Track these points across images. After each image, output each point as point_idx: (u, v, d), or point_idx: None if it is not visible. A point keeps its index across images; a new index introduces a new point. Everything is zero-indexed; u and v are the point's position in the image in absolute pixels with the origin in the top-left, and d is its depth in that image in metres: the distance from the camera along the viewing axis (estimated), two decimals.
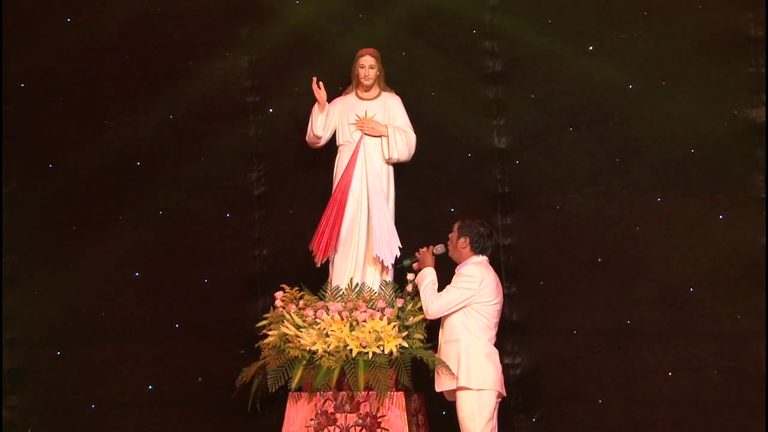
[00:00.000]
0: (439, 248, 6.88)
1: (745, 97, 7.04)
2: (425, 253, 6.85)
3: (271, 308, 7.05)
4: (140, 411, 7.72)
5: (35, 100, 7.96)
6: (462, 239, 6.74)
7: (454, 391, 6.56)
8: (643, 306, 7.17)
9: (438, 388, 6.64)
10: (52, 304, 7.79)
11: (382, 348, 6.63)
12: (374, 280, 7.02)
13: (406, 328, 6.73)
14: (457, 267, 6.75)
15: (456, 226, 6.80)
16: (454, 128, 7.59)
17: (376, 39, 7.52)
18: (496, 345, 6.65)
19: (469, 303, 6.57)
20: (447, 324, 6.64)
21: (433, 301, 6.62)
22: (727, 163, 7.05)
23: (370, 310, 6.74)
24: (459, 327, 6.57)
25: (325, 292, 6.98)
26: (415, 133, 7.22)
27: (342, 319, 6.73)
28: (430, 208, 7.54)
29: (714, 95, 7.11)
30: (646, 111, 7.27)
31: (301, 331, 6.77)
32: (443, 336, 6.68)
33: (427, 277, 6.74)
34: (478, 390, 6.48)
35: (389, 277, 7.05)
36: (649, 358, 7.14)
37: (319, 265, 7.09)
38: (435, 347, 6.73)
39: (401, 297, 6.86)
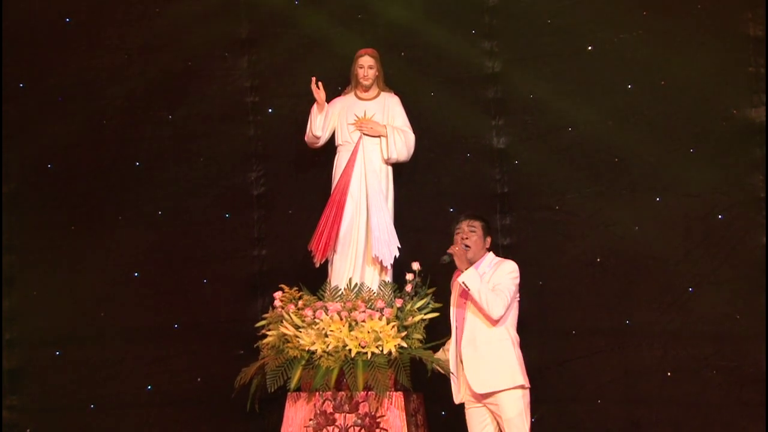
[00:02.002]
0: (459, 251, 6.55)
1: (745, 97, 7.03)
2: (460, 252, 6.45)
3: (270, 308, 7.04)
4: (139, 411, 7.74)
5: (35, 100, 7.97)
6: (488, 238, 6.59)
7: (490, 394, 6.28)
8: (642, 306, 7.16)
9: (483, 390, 6.29)
10: (51, 304, 7.81)
11: (381, 348, 6.62)
12: (373, 280, 7.01)
13: (405, 328, 6.71)
14: (477, 264, 6.42)
15: (479, 225, 6.51)
16: (453, 128, 7.59)
17: (376, 39, 7.52)
18: None
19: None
20: (485, 323, 6.33)
21: (499, 301, 6.30)
22: (727, 163, 7.04)
23: (369, 310, 6.73)
24: (504, 325, 6.35)
25: (324, 292, 6.97)
26: (415, 133, 7.21)
27: (341, 319, 6.72)
28: (430, 208, 7.54)
29: (714, 95, 7.10)
30: (646, 111, 7.26)
31: (300, 331, 6.76)
32: (479, 337, 6.32)
33: (479, 278, 6.36)
34: (525, 388, 6.32)
35: (388, 277, 7.04)
36: (648, 358, 7.13)
37: (318, 265, 7.08)
38: (434, 348, 6.71)
39: (400, 297, 6.85)
